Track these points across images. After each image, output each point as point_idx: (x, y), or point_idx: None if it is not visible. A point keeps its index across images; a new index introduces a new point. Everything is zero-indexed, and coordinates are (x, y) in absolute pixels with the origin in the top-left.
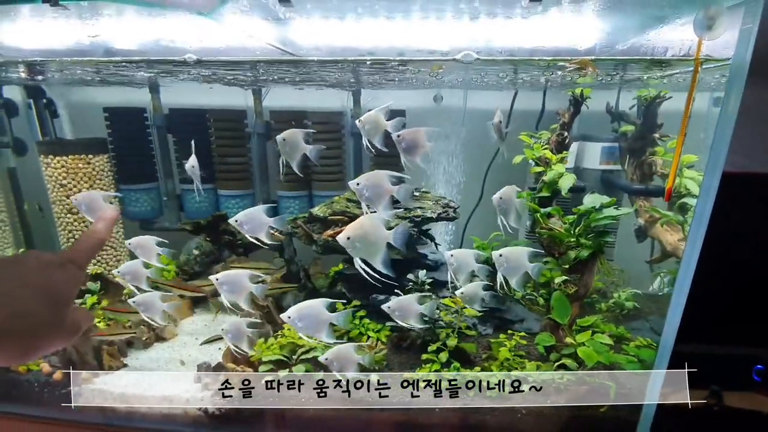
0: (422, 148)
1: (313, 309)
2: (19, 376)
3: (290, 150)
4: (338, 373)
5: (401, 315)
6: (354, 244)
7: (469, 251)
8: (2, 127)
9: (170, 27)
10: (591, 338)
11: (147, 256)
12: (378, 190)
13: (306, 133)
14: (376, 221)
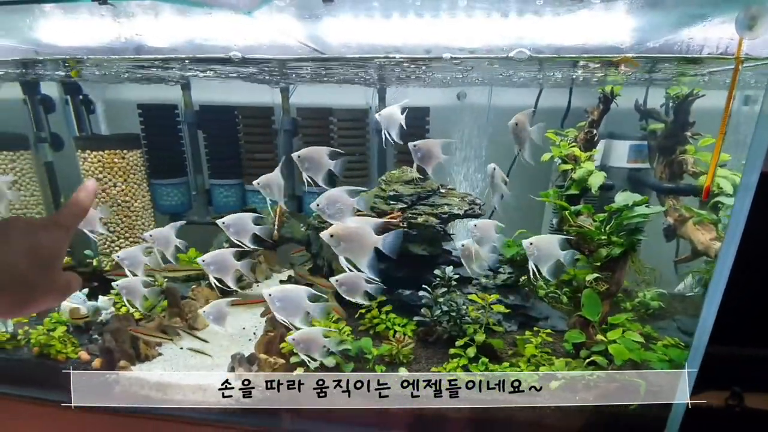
0: (436, 159)
1: (293, 294)
2: (57, 364)
3: (311, 167)
4: (304, 354)
5: (348, 290)
6: (338, 243)
7: (550, 237)
8: (40, 122)
9: (203, 26)
10: (622, 336)
11: (164, 246)
12: (337, 206)
13: (330, 151)
14: (365, 226)
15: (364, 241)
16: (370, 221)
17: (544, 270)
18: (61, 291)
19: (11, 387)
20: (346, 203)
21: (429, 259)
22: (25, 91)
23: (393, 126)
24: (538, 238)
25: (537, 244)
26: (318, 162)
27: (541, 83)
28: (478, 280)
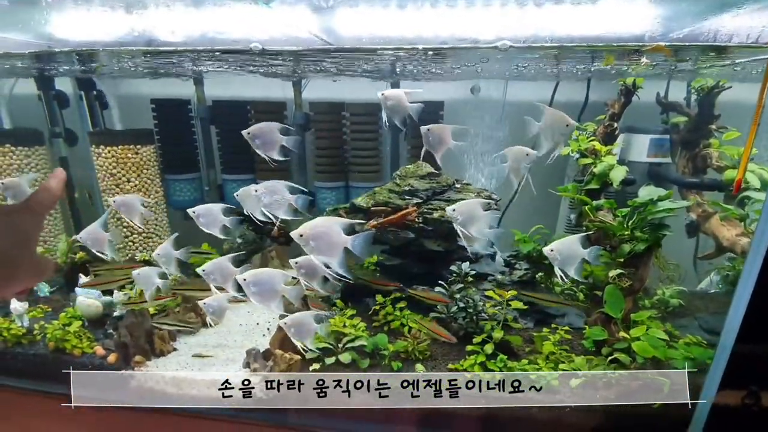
0: (446, 145)
1: (268, 277)
2: (73, 359)
3: (264, 143)
4: (295, 339)
5: (306, 274)
6: (307, 242)
7: (570, 239)
8: (54, 118)
9: (216, 19)
10: (646, 333)
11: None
12: (275, 198)
13: (281, 127)
14: (333, 224)
15: (333, 241)
16: (339, 221)
17: (572, 272)
18: (37, 272)
19: (27, 382)
20: (285, 197)
21: (444, 255)
22: (40, 87)
23: (399, 112)
24: (558, 244)
25: (558, 249)
26: (270, 138)
27: (558, 76)
28: (494, 276)
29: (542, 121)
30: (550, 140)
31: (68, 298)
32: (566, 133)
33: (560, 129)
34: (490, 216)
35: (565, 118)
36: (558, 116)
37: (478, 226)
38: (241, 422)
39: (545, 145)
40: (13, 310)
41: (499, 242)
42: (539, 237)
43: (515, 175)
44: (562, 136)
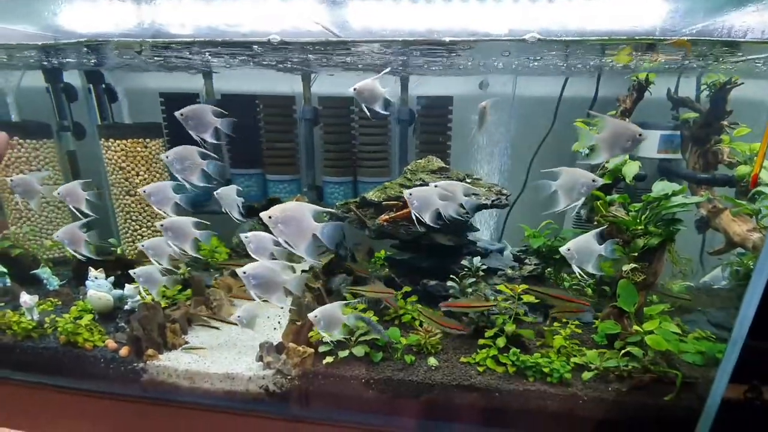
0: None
1: (269, 270)
2: (85, 353)
3: (196, 124)
4: (323, 331)
5: (256, 249)
6: (276, 225)
7: (585, 236)
8: (63, 111)
9: (225, 12)
10: (659, 326)
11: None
12: (187, 162)
13: (213, 109)
14: (305, 210)
15: (303, 227)
16: (311, 208)
17: (590, 268)
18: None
19: (37, 376)
20: (196, 162)
21: (454, 250)
22: (48, 80)
23: (376, 100)
24: (574, 242)
25: (575, 248)
26: (203, 119)
27: (567, 71)
28: (503, 271)
29: (602, 131)
30: (609, 152)
31: (77, 291)
32: (631, 145)
33: (623, 142)
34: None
35: (631, 128)
36: (622, 127)
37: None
38: (254, 416)
39: (602, 156)
40: (23, 303)
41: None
42: (549, 232)
43: (566, 197)
44: (625, 150)
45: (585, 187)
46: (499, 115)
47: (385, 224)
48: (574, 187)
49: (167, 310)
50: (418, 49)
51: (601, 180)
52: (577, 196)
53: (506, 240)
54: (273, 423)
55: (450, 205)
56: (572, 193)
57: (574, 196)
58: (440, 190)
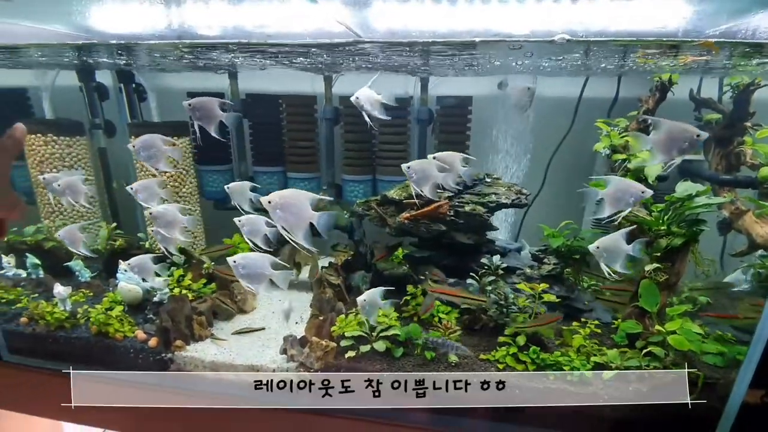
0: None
1: (257, 261)
2: (116, 343)
3: (203, 116)
4: (365, 316)
5: (249, 231)
6: (274, 210)
7: (613, 235)
8: (95, 109)
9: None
10: (681, 327)
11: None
12: (152, 151)
13: (221, 102)
14: (302, 198)
15: (301, 214)
16: (309, 196)
17: (617, 268)
18: (11, 203)
19: (69, 365)
20: (160, 149)
21: (473, 248)
22: (81, 79)
23: (374, 107)
24: (603, 240)
25: (603, 246)
26: (209, 112)
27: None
28: (522, 270)
29: (657, 133)
30: (665, 154)
31: (107, 283)
32: (689, 147)
33: (680, 143)
34: (633, 247)
35: (689, 129)
36: (679, 128)
37: (622, 262)
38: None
39: (658, 158)
40: (56, 294)
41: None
42: (568, 233)
43: (613, 206)
44: (683, 151)
45: (634, 197)
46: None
47: (407, 222)
48: (622, 198)
49: (194, 303)
50: (441, 51)
51: (650, 191)
52: (624, 206)
53: (523, 239)
54: (295, 415)
55: (449, 176)
56: (620, 202)
57: (622, 205)
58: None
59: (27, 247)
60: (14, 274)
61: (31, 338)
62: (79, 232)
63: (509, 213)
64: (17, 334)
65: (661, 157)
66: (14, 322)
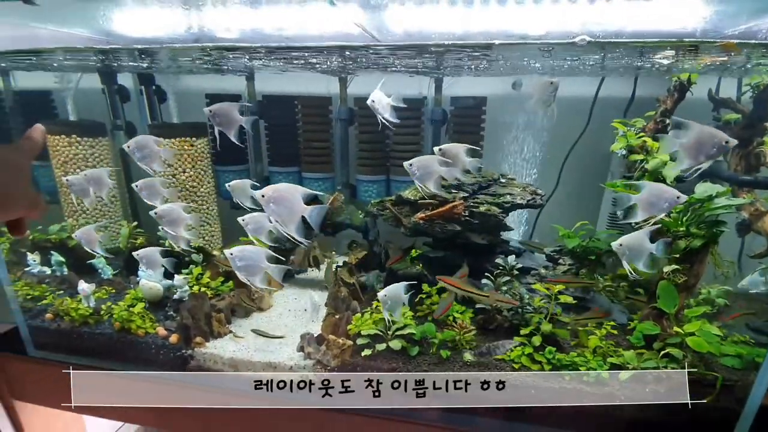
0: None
1: (254, 254)
2: (138, 339)
3: (223, 121)
4: (387, 311)
5: (254, 229)
6: (268, 204)
7: (637, 233)
8: (116, 111)
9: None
10: (701, 329)
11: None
12: (145, 152)
13: (240, 105)
14: (295, 193)
15: (293, 208)
16: (301, 190)
17: (640, 266)
18: (32, 202)
19: (93, 360)
20: (153, 150)
21: (488, 249)
22: (104, 81)
23: (385, 109)
24: (626, 238)
25: (627, 244)
26: (229, 117)
27: (603, 71)
28: (537, 271)
29: (686, 138)
30: (693, 159)
31: (128, 280)
32: (716, 153)
33: (708, 148)
34: (656, 246)
35: (718, 135)
36: (708, 133)
37: (645, 261)
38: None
39: (686, 162)
40: (81, 291)
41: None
42: (584, 233)
43: (646, 211)
44: (710, 157)
45: (668, 203)
46: (532, 115)
47: (422, 222)
48: (656, 203)
49: (212, 300)
50: (457, 53)
51: (685, 197)
52: (658, 211)
53: (537, 239)
54: (311, 412)
55: (453, 169)
56: (653, 208)
57: (655, 210)
58: (646, 230)
59: (51, 245)
60: (39, 271)
61: (56, 334)
62: (95, 232)
63: (522, 213)
64: (42, 330)
65: (688, 162)
66: (39, 318)
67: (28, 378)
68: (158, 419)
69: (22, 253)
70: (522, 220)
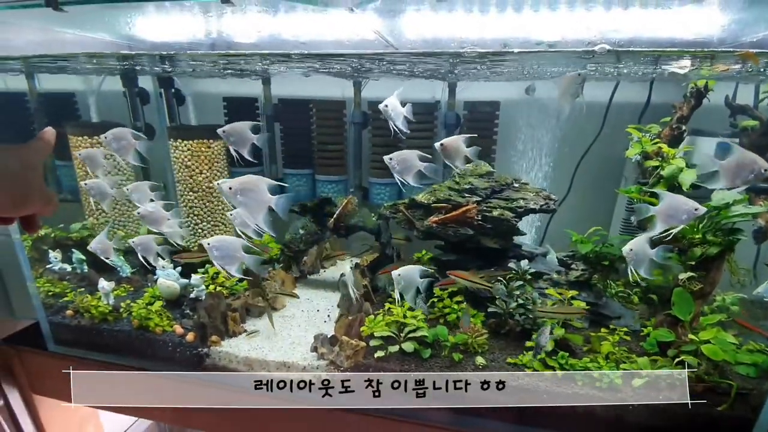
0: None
1: (230, 243)
2: (155, 336)
3: (236, 140)
4: (399, 290)
5: (241, 223)
6: (235, 195)
7: (642, 238)
8: (136, 113)
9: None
10: (716, 336)
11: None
12: (122, 142)
13: (254, 125)
14: (261, 183)
15: (259, 198)
16: (266, 181)
17: (642, 272)
18: (45, 199)
19: (113, 356)
20: (130, 142)
21: (500, 253)
22: (125, 84)
23: (398, 117)
24: (635, 243)
25: (636, 249)
26: (242, 136)
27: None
28: (549, 275)
29: (727, 160)
30: (730, 182)
31: (146, 279)
32: (754, 179)
33: (746, 174)
34: (656, 253)
35: (759, 162)
36: (749, 159)
37: (646, 267)
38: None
39: (721, 183)
40: (100, 288)
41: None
42: (597, 239)
43: (664, 223)
44: (746, 182)
45: (686, 214)
46: (546, 120)
47: (435, 226)
48: (674, 215)
49: (228, 300)
50: (473, 59)
51: (703, 209)
52: (677, 222)
53: (548, 244)
54: (324, 412)
55: (431, 165)
56: (671, 219)
57: (674, 222)
58: (646, 236)
59: (72, 243)
60: (60, 269)
61: (76, 330)
62: (108, 239)
63: (534, 217)
64: (63, 326)
65: (725, 183)
66: (60, 314)
67: (48, 373)
68: (173, 416)
69: (44, 250)
70: (533, 224)
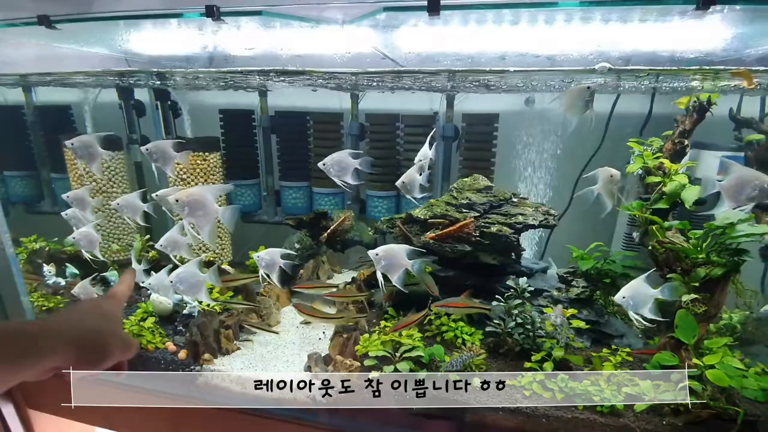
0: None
1: (188, 272)
2: (148, 353)
3: (159, 158)
4: (383, 271)
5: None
6: (183, 207)
7: (637, 281)
8: (132, 125)
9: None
10: (721, 361)
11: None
12: (89, 150)
13: (174, 143)
14: (208, 196)
15: (207, 210)
16: (213, 189)
17: (647, 313)
18: (126, 347)
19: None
20: (97, 152)
21: (498, 269)
22: (121, 97)
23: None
24: (627, 289)
25: (630, 295)
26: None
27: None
28: (549, 293)
29: (727, 179)
30: (734, 201)
31: (138, 294)
32: (758, 196)
33: (749, 191)
34: (662, 291)
35: (761, 178)
36: (751, 175)
37: (650, 307)
38: (300, 424)
39: (726, 204)
40: None
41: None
42: (599, 255)
43: (733, 199)
44: (751, 199)
45: (758, 190)
46: (546, 132)
47: (432, 241)
48: (744, 191)
49: (221, 317)
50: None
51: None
52: (747, 199)
53: (549, 258)
54: None
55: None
56: (740, 195)
57: (742, 198)
58: (645, 275)
59: (66, 257)
60: (54, 282)
61: None
62: (96, 233)
63: (535, 232)
64: None
65: (729, 204)
66: None
67: (43, 388)
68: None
69: (38, 264)
70: (533, 239)
